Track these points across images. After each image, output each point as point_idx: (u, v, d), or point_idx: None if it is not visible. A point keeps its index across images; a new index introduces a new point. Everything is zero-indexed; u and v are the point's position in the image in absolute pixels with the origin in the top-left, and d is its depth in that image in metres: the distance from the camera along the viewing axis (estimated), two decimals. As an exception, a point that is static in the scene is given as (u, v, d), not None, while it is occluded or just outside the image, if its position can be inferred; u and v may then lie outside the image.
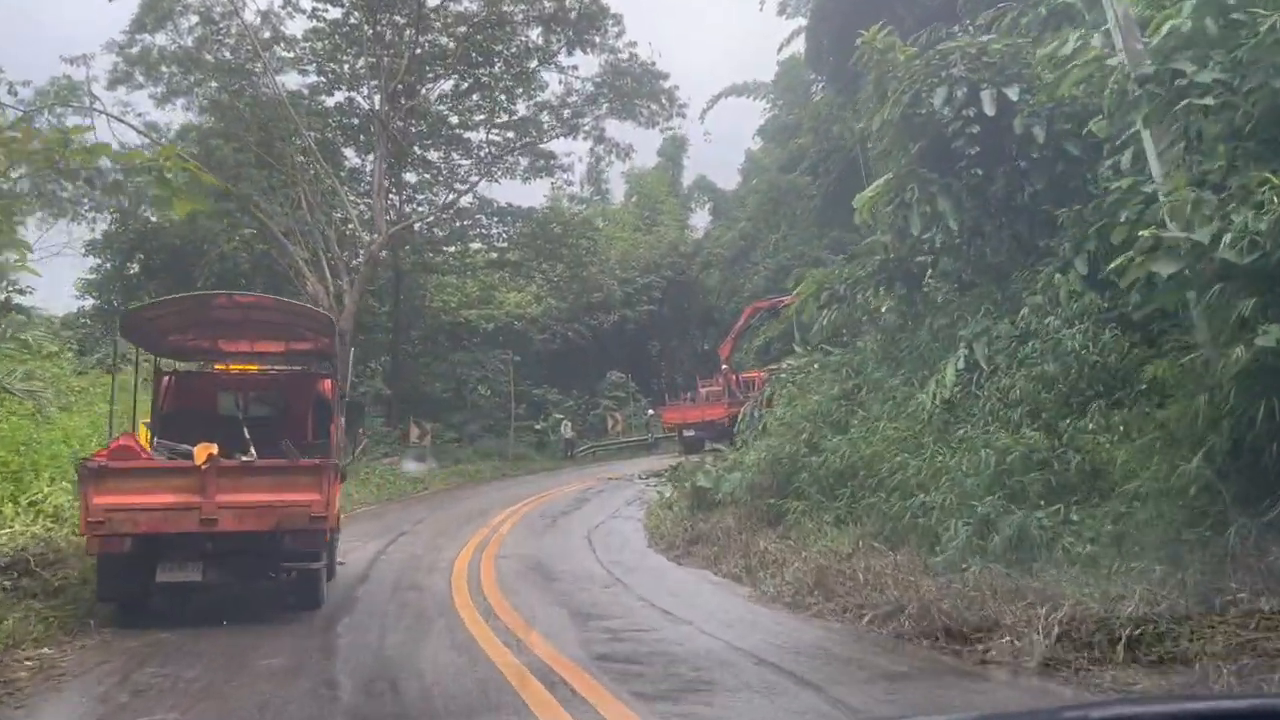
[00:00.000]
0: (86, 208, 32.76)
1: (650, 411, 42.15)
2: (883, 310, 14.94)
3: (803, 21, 43.83)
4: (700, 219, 68.34)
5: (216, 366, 12.12)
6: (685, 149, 71.57)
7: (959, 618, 7.24)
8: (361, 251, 31.15)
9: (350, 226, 32.32)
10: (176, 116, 30.65)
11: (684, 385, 53.44)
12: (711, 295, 56.47)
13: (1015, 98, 11.92)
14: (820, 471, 12.26)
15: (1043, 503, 8.85)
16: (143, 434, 10.52)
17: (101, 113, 28.12)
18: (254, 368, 11.55)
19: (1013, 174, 12.95)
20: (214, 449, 8.41)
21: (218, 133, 30.97)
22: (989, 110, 12.25)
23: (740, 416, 23.59)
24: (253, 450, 9.18)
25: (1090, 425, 9.25)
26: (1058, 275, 11.37)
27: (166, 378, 10.84)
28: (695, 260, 51.74)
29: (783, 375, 21.16)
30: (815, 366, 16.11)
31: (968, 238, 12.97)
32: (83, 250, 34.64)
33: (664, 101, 33.72)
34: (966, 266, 13.34)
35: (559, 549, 14.34)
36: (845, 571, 9.42)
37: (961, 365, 11.90)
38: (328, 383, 11.50)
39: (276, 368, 11.84)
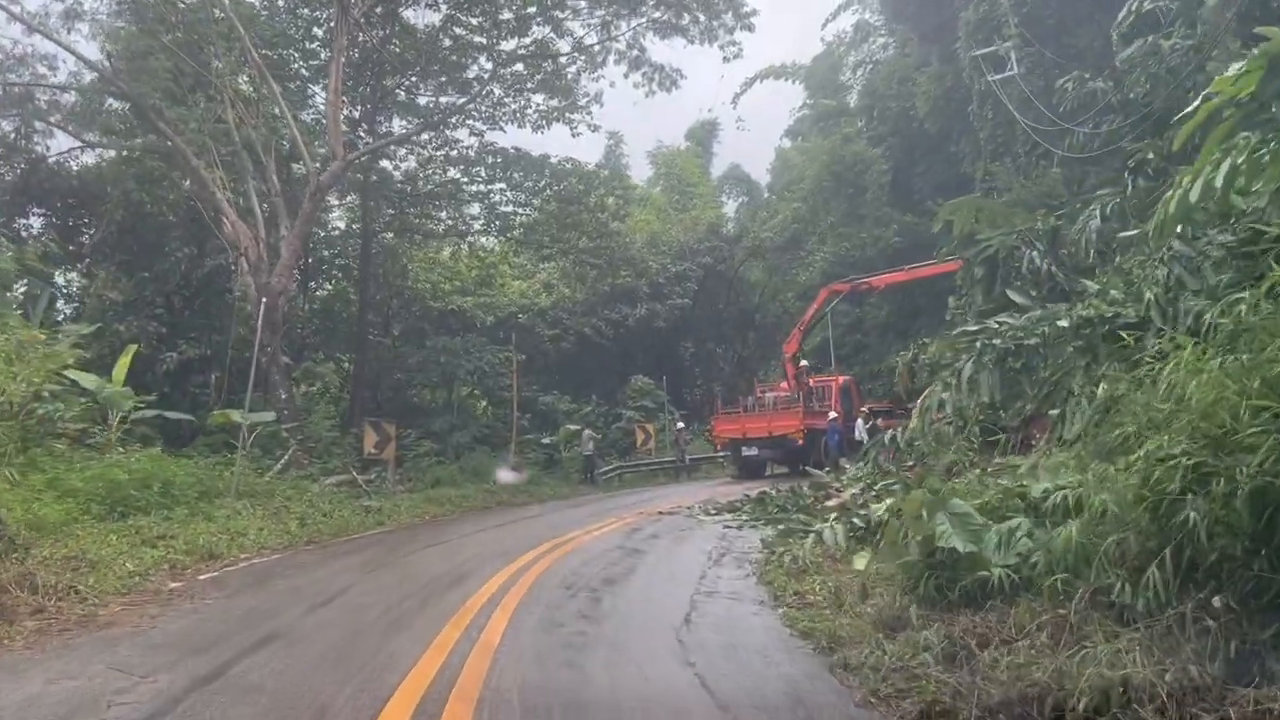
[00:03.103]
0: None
1: (680, 425, 32.99)
2: None
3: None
4: (730, 212, 60.00)
5: None
6: (716, 134, 63.52)
7: None
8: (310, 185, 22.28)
9: (296, 159, 23.56)
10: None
11: (723, 397, 44.56)
12: (753, 293, 47.76)
13: None
14: None
15: None
16: None
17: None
18: None
19: None
20: None
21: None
22: None
23: (903, 428, 15.02)
24: None
25: None
26: None
27: None
28: (739, 246, 42.92)
29: (988, 339, 12.39)
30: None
31: None
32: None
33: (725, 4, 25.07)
34: None
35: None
36: None
37: None
38: None
39: None
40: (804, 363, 28.93)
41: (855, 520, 11.22)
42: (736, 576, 10.60)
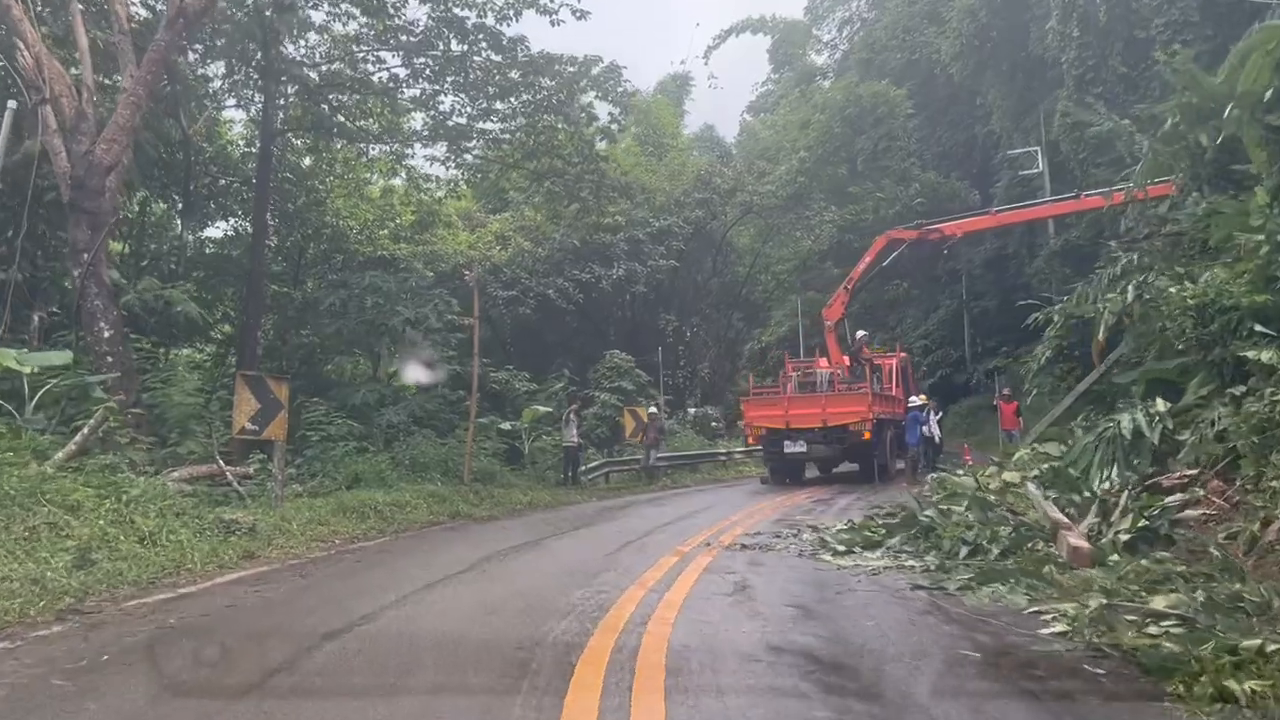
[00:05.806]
0: None
1: (654, 409, 25.17)
2: None
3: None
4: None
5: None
6: (689, 91, 56.58)
7: None
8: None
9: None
10: None
11: (712, 382, 37.46)
12: (741, 262, 40.82)
13: None
14: None
15: None
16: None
17: None
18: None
19: None
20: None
21: None
22: None
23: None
24: None
25: None
26: None
27: None
28: (732, 201, 35.74)
29: None
30: None
31: None
32: None
33: None
34: None
35: None
36: None
37: None
38: None
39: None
40: (861, 332, 21.80)
41: None
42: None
